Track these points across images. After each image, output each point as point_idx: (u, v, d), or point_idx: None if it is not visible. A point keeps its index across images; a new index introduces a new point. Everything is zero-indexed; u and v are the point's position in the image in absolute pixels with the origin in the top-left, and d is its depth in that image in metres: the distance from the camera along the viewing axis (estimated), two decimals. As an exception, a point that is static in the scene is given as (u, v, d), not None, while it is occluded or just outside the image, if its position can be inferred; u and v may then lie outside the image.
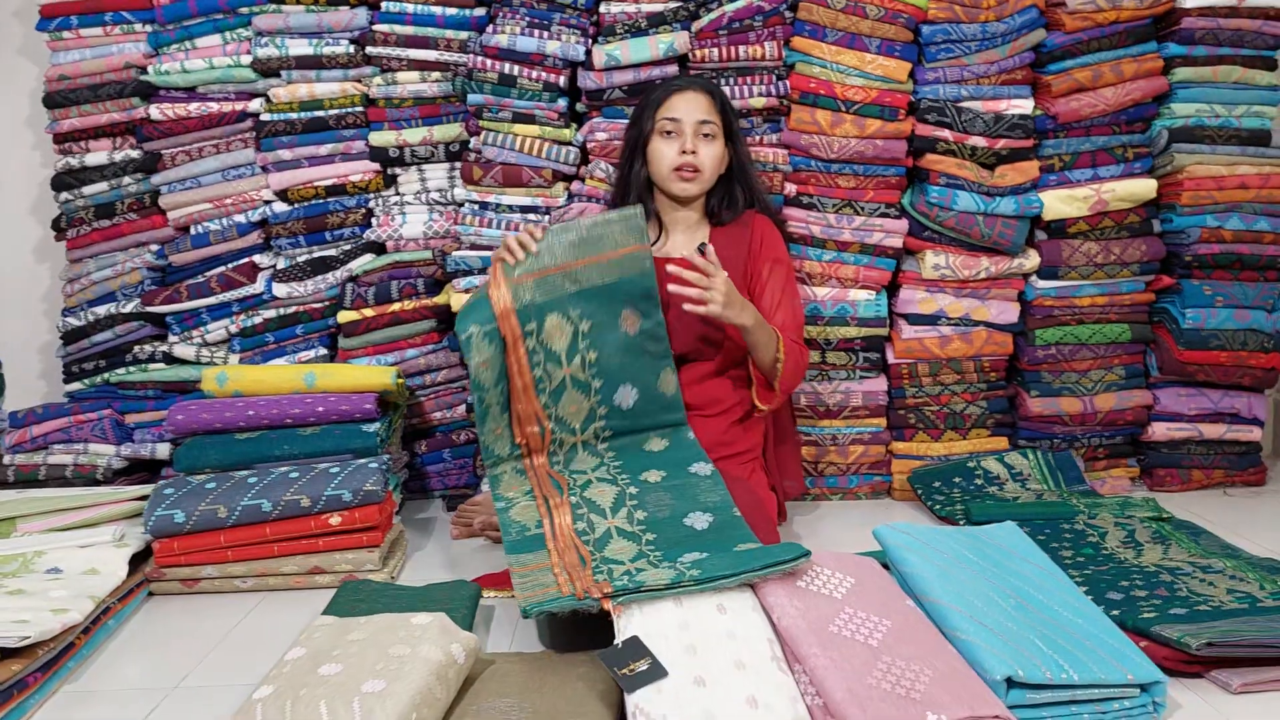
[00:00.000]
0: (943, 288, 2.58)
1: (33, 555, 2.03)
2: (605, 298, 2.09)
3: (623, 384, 2.10)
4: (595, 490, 2.01)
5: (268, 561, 2.11)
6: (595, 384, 2.09)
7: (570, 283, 2.08)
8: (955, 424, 2.62)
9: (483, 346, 2.03)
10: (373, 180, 2.66)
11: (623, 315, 2.10)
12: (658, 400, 2.13)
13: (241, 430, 2.28)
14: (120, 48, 2.65)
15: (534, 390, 2.06)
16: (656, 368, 2.12)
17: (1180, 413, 2.58)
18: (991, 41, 2.51)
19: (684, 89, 2.26)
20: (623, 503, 1.97)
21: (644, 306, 2.10)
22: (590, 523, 1.91)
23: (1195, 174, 2.48)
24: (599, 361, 2.09)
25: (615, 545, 1.85)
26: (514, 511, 1.98)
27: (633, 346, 2.11)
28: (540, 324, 2.06)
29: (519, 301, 2.05)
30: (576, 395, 2.09)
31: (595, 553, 1.82)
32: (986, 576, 1.66)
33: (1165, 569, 1.87)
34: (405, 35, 2.59)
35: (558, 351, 2.07)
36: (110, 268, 2.71)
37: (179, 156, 2.65)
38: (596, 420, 2.11)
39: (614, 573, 1.73)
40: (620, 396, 2.11)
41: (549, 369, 2.07)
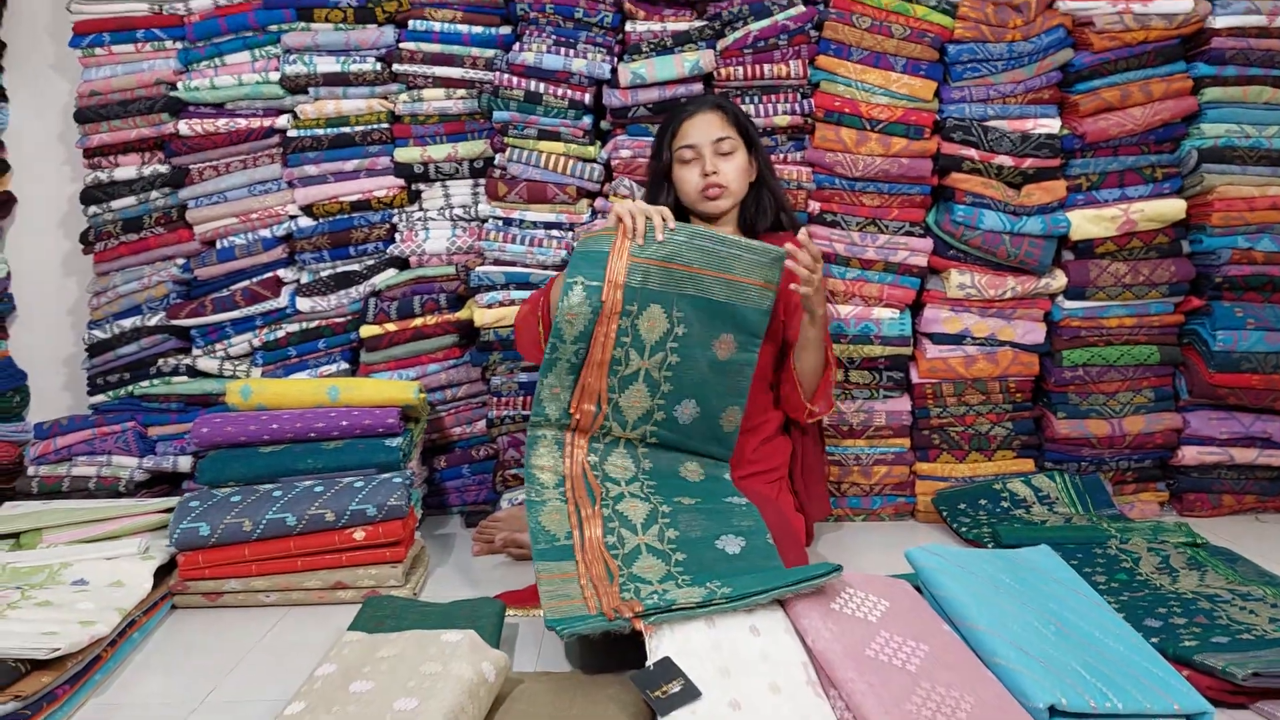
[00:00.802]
0: (968, 307, 2.57)
1: (59, 566, 2.03)
2: (713, 314, 2.05)
3: (689, 398, 2.07)
4: (628, 504, 1.99)
5: (291, 576, 2.10)
6: (665, 387, 2.05)
7: (689, 285, 2.04)
8: (980, 445, 2.60)
9: (579, 299, 1.99)
10: (397, 196, 2.67)
11: (721, 337, 2.06)
12: (714, 430, 2.10)
13: (265, 443, 2.28)
14: (151, 64, 2.67)
15: (608, 368, 2.02)
16: (727, 400, 2.08)
17: (1211, 436, 2.55)
18: (1018, 61, 2.50)
19: (693, 113, 2.26)
20: (654, 520, 1.95)
21: (745, 339, 2.07)
22: (620, 537, 1.90)
23: (1226, 194, 2.46)
24: (677, 368, 2.05)
25: (644, 562, 1.83)
26: (544, 516, 1.94)
27: (716, 369, 2.07)
28: (641, 309, 2.02)
29: (632, 279, 2.01)
30: (643, 390, 2.04)
31: (624, 568, 1.81)
32: (1024, 601, 1.64)
33: (1203, 596, 1.85)
34: (432, 53, 2.60)
35: (645, 341, 2.03)
36: (136, 281, 2.72)
37: (206, 171, 2.66)
38: (650, 423, 2.07)
39: (641, 591, 1.72)
40: (682, 409, 2.07)
41: (630, 354, 2.02)
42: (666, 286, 2.03)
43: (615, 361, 2.02)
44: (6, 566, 2.04)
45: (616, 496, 2.00)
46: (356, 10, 2.61)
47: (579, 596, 1.73)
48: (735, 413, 2.10)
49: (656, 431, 2.08)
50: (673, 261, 2.03)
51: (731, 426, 2.10)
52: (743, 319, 2.06)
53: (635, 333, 2.02)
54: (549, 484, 2.00)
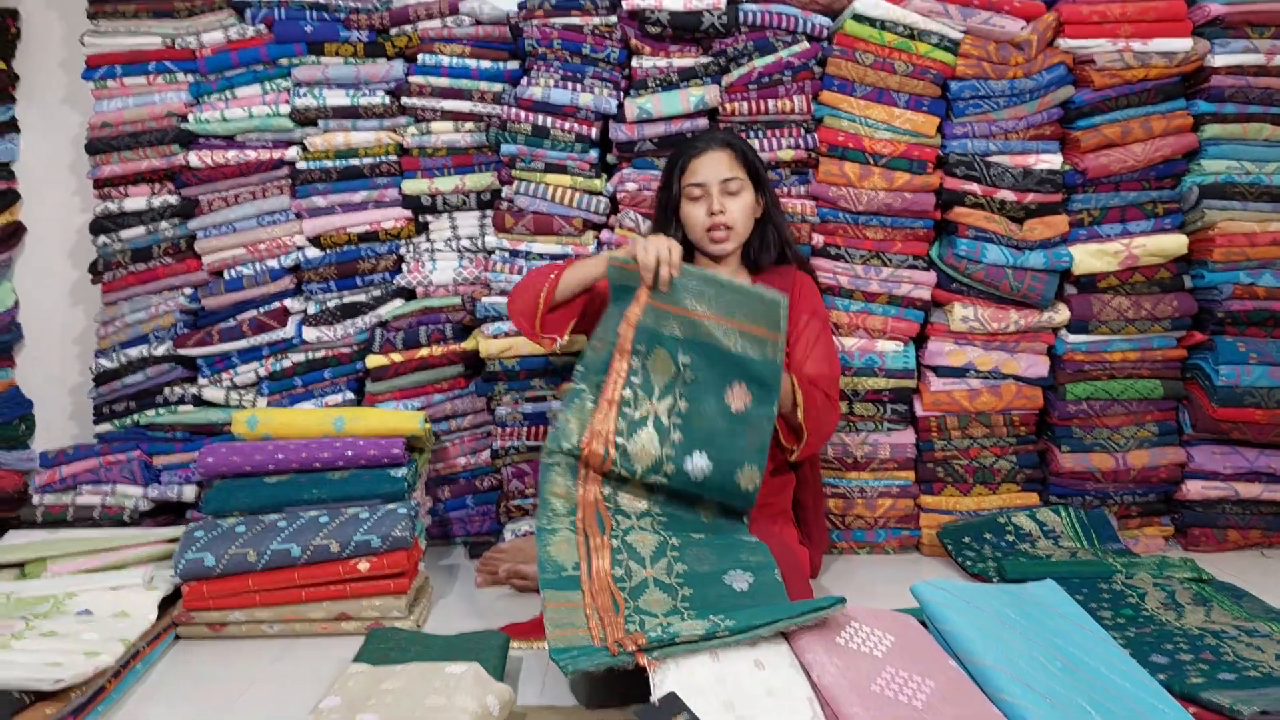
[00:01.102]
0: (971, 340, 2.58)
1: (64, 596, 2.03)
2: (723, 362, 2.02)
3: (700, 450, 2.00)
4: (637, 536, 1.98)
5: (295, 607, 2.10)
6: (674, 436, 2.01)
7: (689, 330, 2.03)
8: (985, 478, 2.60)
9: (609, 328, 2.01)
10: (404, 227, 2.69)
11: (733, 387, 2.02)
12: (730, 487, 2.02)
13: (270, 473, 2.28)
14: (162, 96, 2.70)
15: (618, 408, 2.01)
16: (745, 457, 2.00)
17: (1215, 471, 2.55)
18: (1020, 97, 2.53)
19: (703, 151, 2.28)
20: (663, 553, 1.95)
21: (759, 392, 2.01)
22: (628, 570, 1.90)
23: (1227, 230, 2.48)
24: (687, 415, 2.02)
25: (651, 596, 1.84)
26: (553, 547, 1.93)
27: (730, 420, 2.01)
28: (650, 350, 2.02)
29: (643, 320, 2.03)
30: (652, 437, 2.01)
31: (630, 601, 1.81)
32: (1030, 636, 1.64)
33: (1209, 632, 1.84)
34: (440, 87, 2.63)
35: (654, 384, 2.03)
36: (144, 310, 2.73)
37: (216, 202, 2.68)
38: (659, 474, 2.03)
39: (646, 624, 1.72)
40: (694, 464, 2.01)
41: (639, 395, 2.02)
42: (668, 329, 2.03)
43: (624, 402, 2.02)
44: (11, 596, 2.04)
45: (626, 529, 1.99)
46: (366, 45, 2.64)
47: (583, 626, 1.73)
48: (754, 473, 2.01)
49: (668, 484, 2.04)
50: (679, 306, 2.03)
51: (750, 486, 2.02)
52: (755, 370, 2.02)
53: (645, 374, 2.03)
54: (561, 511, 1.99)
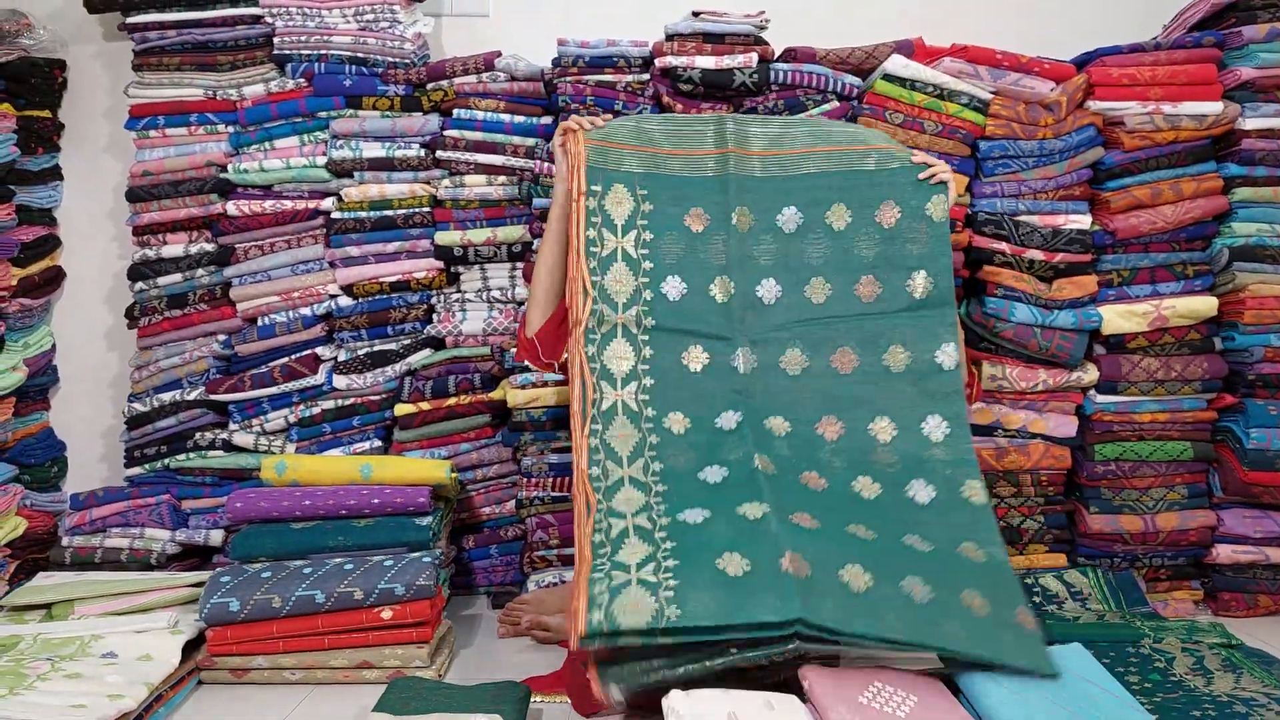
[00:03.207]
0: (999, 399, 2.57)
1: (90, 639, 2.04)
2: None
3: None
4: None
5: (318, 654, 2.10)
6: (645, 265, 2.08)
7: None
8: (1012, 539, 2.58)
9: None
10: (436, 278, 2.73)
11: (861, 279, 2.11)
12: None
13: (297, 520, 2.30)
14: (203, 147, 2.76)
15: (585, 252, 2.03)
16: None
17: (1246, 535, 2.52)
18: (1049, 158, 2.54)
19: None
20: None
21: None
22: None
23: (1258, 293, 2.47)
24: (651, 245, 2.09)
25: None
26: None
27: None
28: (605, 190, 2.11)
29: (590, 159, 2.09)
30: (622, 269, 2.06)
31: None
32: (1057, 701, 1.61)
33: (1239, 699, 1.81)
34: (474, 140, 2.67)
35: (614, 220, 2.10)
36: (178, 356, 2.77)
37: (251, 250, 2.73)
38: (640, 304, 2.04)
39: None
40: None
41: (602, 234, 2.07)
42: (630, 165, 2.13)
43: (590, 243, 2.05)
44: (38, 637, 2.06)
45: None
46: (403, 99, 2.70)
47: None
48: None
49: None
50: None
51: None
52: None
53: (603, 212, 2.08)
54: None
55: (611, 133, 2.12)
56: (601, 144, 2.09)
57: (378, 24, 2.70)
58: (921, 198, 2.12)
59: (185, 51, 2.74)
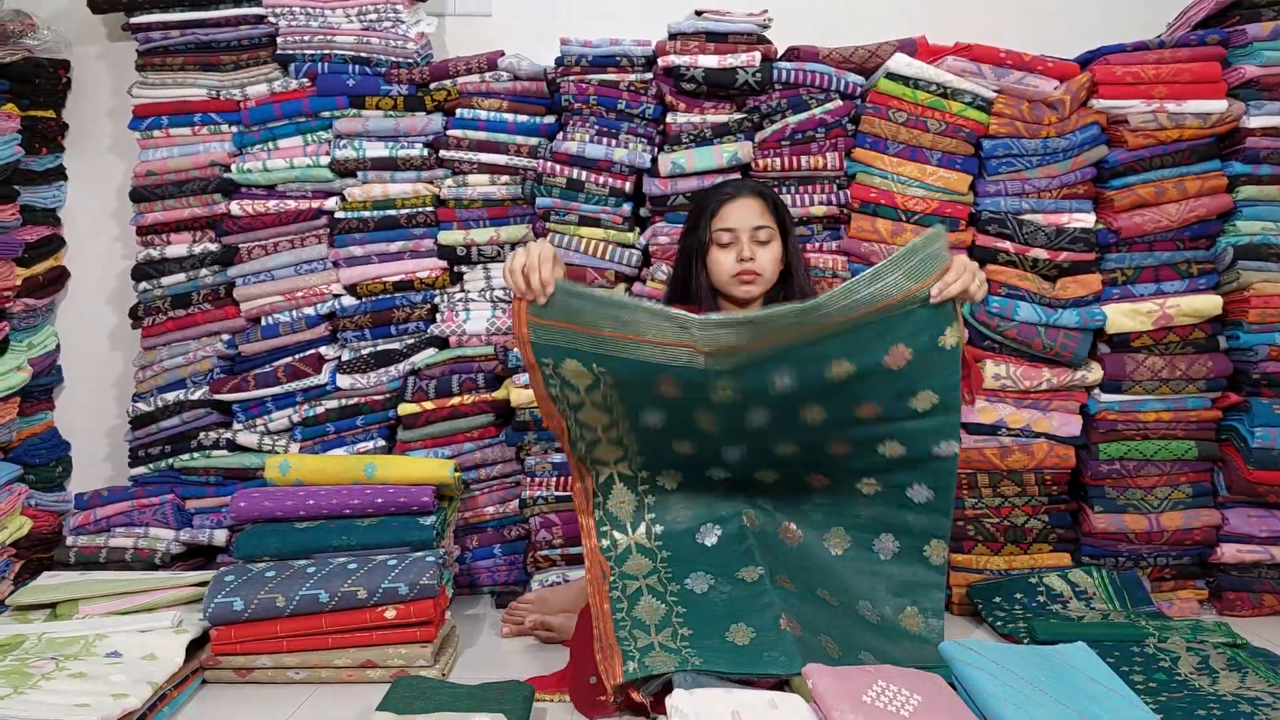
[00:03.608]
0: (1003, 398, 2.56)
1: (94, 638, 2.04)
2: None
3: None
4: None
5: (321, 653, 2.10)
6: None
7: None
8: (1016, 538, 2.57)
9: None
10: (439, 277, 2.73)
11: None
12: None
13: (301, 519, 2.30)
14: (206, 147, 2.76)
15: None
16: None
17: (1251, 534, 2.51)
18: (1053, 156, 2.54)
19: (735, 196, 2.26)
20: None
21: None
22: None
23: (1263, 291, 2.46)
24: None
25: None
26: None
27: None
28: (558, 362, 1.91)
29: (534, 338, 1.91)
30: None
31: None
32: (1060, 699, 1.61)
33: (1244, 699, 1.80)
34: (477, 140, 2.68)
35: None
36: (182, 356, 2.78)
37: (255, 250, 2.73)
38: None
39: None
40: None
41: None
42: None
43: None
44: (43, 637, 2.06)
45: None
46: (406, 99, 2.70)
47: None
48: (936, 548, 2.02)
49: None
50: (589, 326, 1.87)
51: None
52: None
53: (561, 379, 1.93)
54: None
55: (551, 309, 1.83)
56: (543, 322, 1.85)
57: (381, 24, 2.70)
58: (935, 331, 1.82)
59: (189, 51, 2.74)
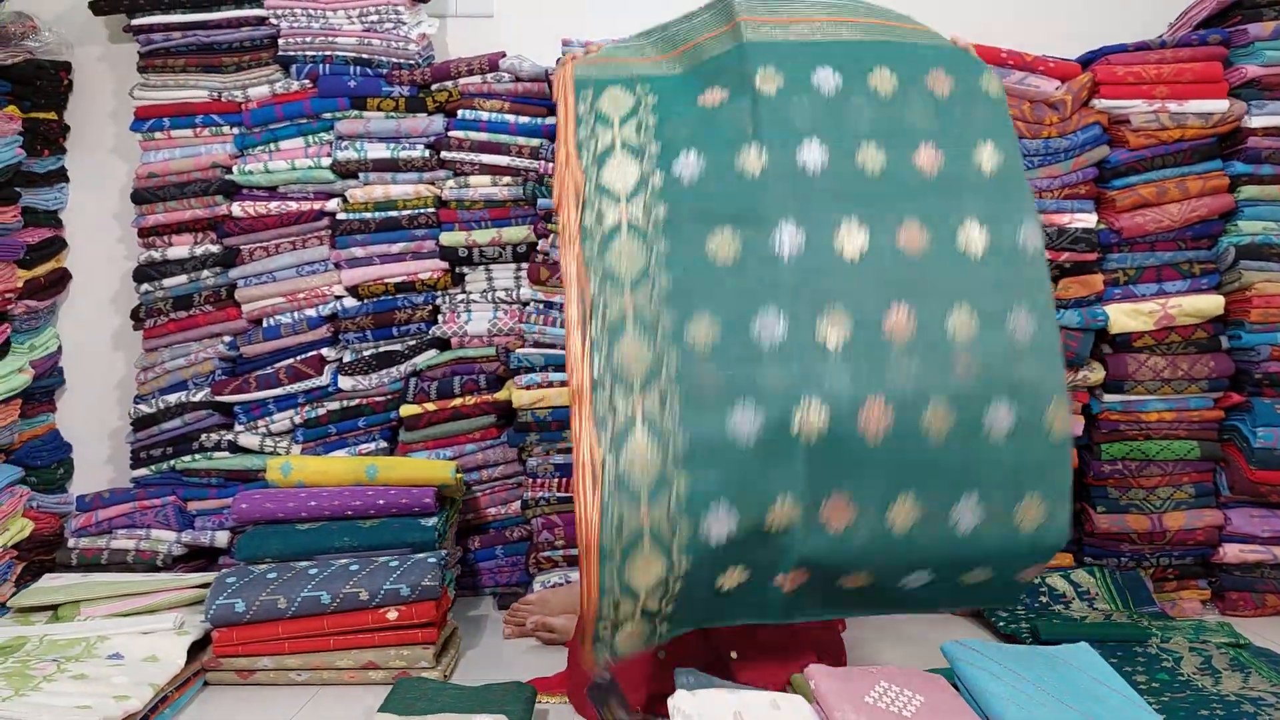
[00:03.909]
0: (1005, 399, 2.56)
1: (96, 640, 2.04)
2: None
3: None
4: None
5: (323, 655, 2.10)
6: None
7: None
8: (1018, 538, 2.57)
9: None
10: (441, 278, 2.73)
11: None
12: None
13: (303, 520, 2.30)
14: (208, 148, 2.76)
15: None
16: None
17: (1253, 534, 2.51)
18: (1054, 156, 2.53)
19: None
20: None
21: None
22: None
23: (1264, 291, 2.46)
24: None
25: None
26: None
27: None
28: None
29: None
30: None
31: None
32: (1062, 700, 1.61)
33: (1247, 699, 1.80)
34: (479, 141, 2.68)
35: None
36: (184, 357, 2.78)
37: (256, 252, 2.73)
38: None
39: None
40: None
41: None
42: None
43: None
44: (45, 638, 2.06)
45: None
46: (408, 100, 2.70)
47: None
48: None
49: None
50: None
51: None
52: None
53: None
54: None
55: (604, 55, 1.78)
56: (592, 61, 1.75)
57: (382, 25, 2.70)
58: (975, 71, 1.72)
59: (190, 53, 2.74)
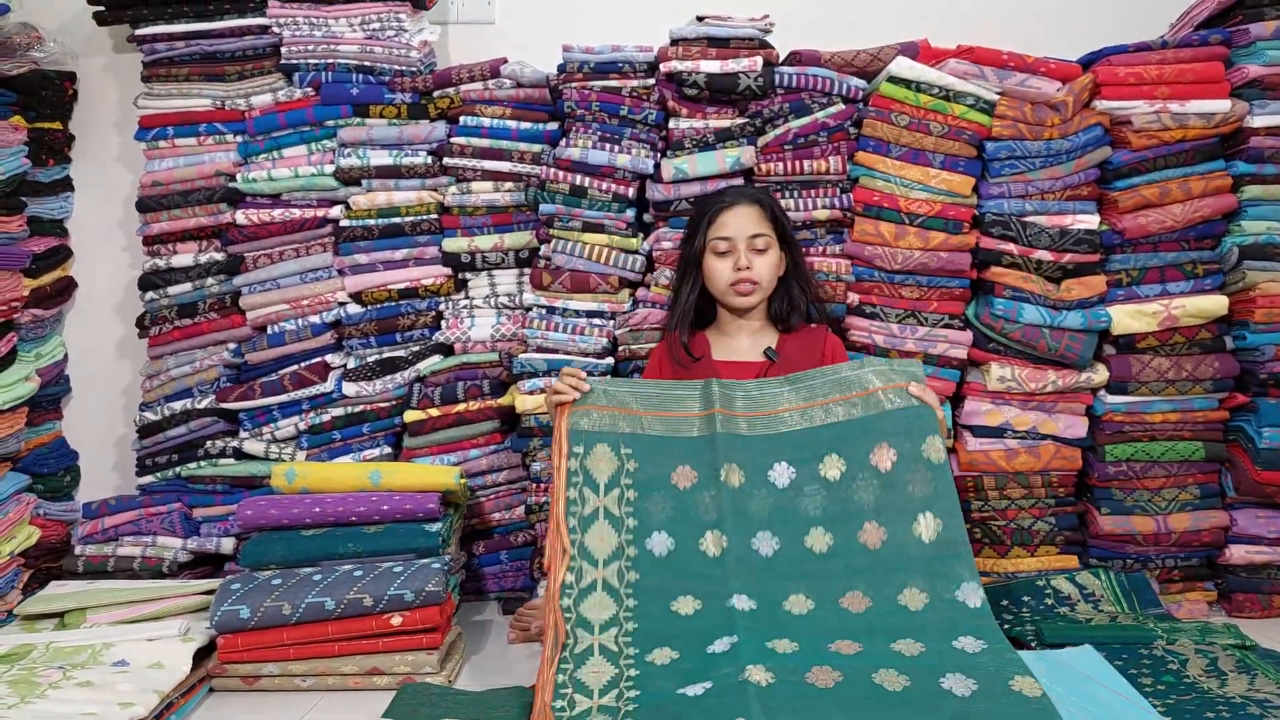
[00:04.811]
0: (1009, 400, 2.56)
1: (101, 647, 2.05)
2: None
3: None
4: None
5: (328, 661, 2.11)
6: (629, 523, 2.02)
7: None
8: (1023, 540, 2.57)
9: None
10: (444, 284, 2.73)
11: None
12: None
13: (308, 527, 2.30)
14: (212, 156, 2.77)
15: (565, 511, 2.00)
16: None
17: (1259, 535, 2.49)
18: (1056, 158, 2.53)
19: (732, 205, 2.30)
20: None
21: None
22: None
23: (1269, 291, 2.45)
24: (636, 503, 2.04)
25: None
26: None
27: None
28: (587, 451, 2.05)
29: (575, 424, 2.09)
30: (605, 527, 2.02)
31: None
32: (1068, 704, 1.60)
33: (1253, 701, 1.79)
34: (481, 147, 2.68)
35: (596, 480, 2.05)
36: (189, 365, 2.79)
37: (260, 259, 2.74)
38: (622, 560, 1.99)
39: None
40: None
41: (584, 494, 2.04)
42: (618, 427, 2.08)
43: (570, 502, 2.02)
44: (50, 646, 2.07)
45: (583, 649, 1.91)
46: (410, 107, 2.71)
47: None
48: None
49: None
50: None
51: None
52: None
53: (585, 473, 2.04)
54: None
55: (591, 398, 2.08)
56: (584, 408, 2.07)
57: (384, 32, 2.71)
58: (916, 441, 2.00)
59: (194, 62, 2.76)
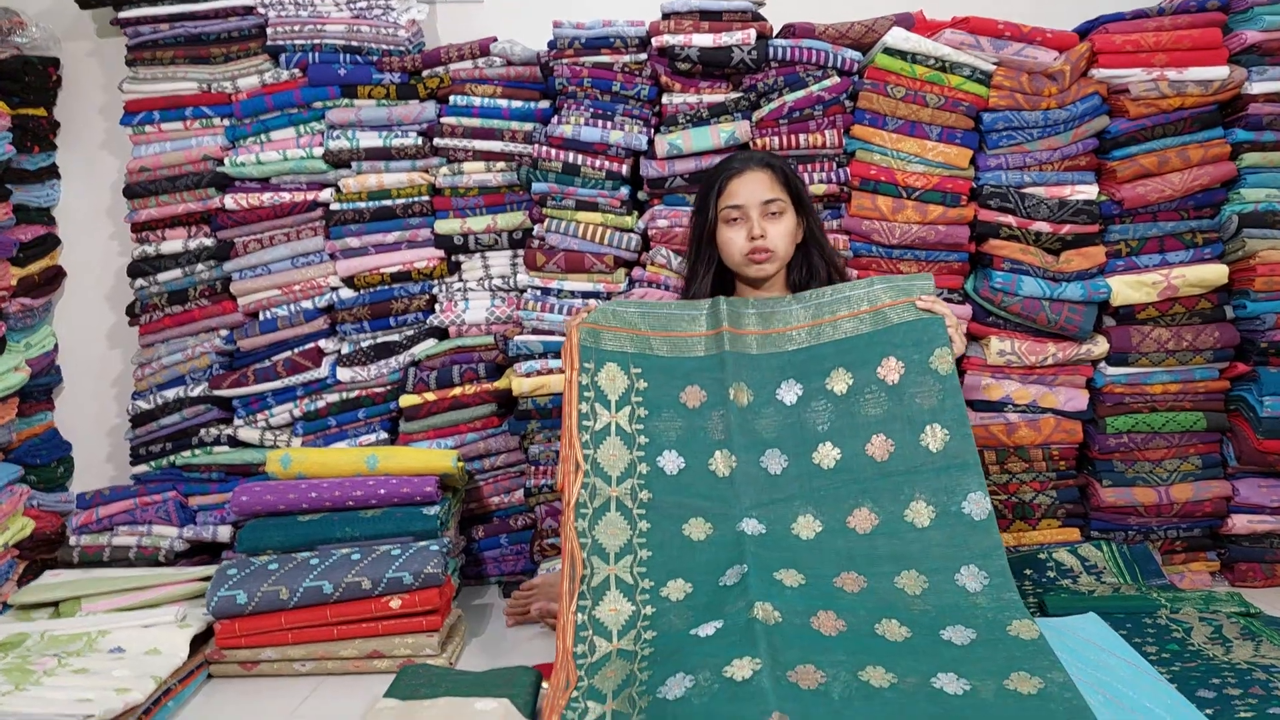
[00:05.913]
0: (1009, 374, 2.54)
1: (97, 634, 2.04)
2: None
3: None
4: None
5: (327, 645, 2.09)
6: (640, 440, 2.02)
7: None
8: (1024, 514, 2.55)
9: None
10: (437, 267, 2.71)
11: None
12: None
13: (304, 512, 2.28)
14: (199, 141, 2.74)
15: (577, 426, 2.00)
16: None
17: (1261, 504, 2.48)
18: (1054, 128, 2.51)
19: (741, 171, 2.22)
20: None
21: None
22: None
23: (1269, 259, 2.43)
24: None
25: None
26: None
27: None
28: (598, 367, 2.05)
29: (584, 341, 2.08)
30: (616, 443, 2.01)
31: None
32: (1074, 670, 1.59)
33: (1259, 666, 1.78)
34: (472, 127, 2.65)
35: (608, 397, 2.05)
36: (180, 352, 2.76)
37: (251, 244, 2.72)
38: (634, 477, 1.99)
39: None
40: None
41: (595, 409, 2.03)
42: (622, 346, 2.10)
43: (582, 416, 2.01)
44: (45, 634, 2.05)
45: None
46: (399, 87, 2.68)
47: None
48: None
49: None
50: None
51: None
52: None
53: (596, 389, 2.03)
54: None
55: (600, 318, 2.09)
56: (592, 327, 2.07)
57: (371, 12, 2.68)
58: (924, 352, 1.99)
59: (178, 45, 2.72)
